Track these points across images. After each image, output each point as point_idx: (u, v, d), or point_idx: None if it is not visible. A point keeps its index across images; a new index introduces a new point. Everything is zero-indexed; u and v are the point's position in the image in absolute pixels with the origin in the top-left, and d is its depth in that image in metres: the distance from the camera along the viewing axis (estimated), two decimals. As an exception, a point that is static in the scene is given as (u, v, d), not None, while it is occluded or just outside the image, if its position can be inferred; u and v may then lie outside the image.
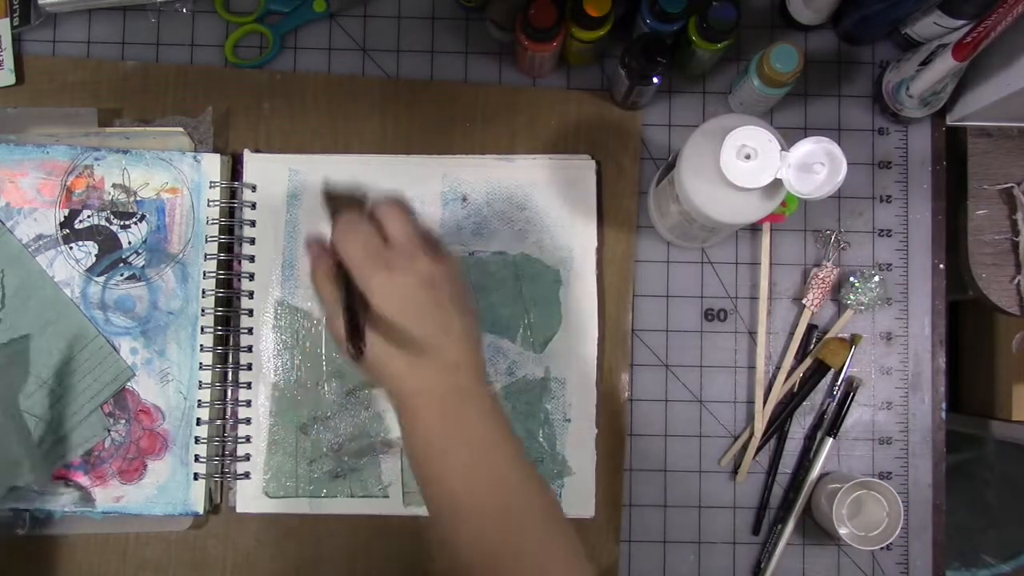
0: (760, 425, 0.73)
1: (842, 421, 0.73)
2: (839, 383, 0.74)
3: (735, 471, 0.74)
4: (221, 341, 0.72)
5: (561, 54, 0.73)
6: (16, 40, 0.74)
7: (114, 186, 0.71)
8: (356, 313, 0.50)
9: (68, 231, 0.71)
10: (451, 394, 0.52)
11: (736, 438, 0.74)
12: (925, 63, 0.68)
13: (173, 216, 0.72)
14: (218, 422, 0.72)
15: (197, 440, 0.70)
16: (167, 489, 0.70)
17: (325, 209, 0.56)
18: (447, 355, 0.52)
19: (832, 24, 0.76)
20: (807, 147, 0.56)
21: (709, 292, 0.75)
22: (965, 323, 1.09)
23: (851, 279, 0.73)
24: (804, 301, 0.73)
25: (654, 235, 0.75)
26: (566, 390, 0.72)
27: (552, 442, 0.72)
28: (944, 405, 0.75)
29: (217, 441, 0.71)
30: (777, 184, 0.57)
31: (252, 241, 0.73)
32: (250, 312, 0.72)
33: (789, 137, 0.57)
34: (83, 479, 0.70)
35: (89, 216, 0.71)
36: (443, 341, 0.52)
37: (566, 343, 0.73)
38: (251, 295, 0.72)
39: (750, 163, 0.56)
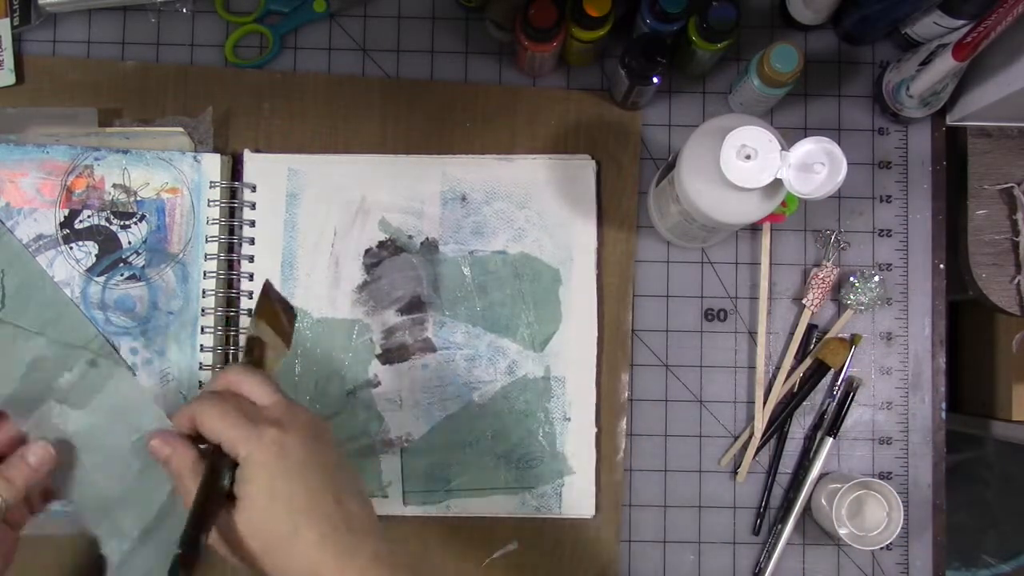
0: (760, 425, 0.73)
1: (842, 421, 0.73)
2: (839, 383, 0.74)
3: (735, 471, 0.74)
4: (221, 341, 0.72)
5: (561, 54, 0.73)
6: (16, 40, 0.74)
7: (114, 186, 0.71)
8: (204, 520, 0.48)
9: (68, 231, 0.71)
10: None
11: (736, 438, 0.74)
12: (925, 63, 0.68)
13: (173, 216, 0.72)
14: (218, 422, 0.72)
15: (197, 440, 0.70)
16: (167, 489, 0.70)
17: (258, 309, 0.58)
18: (341, 518, 0.49)
19: (832, 24, 0.76)
20: (807, 147, 0.56)
21: (709, 292, 0.75)
22: (965, 323, 1.09)
23: (851, 279, 0.73)
24: (804, 301, 0.73)
25: (654, 235, 0.75)
26: (566, 389, 0.72)
27: (552, 441, 0.72)
28: (944, 405, 0.75)
29: (217, 441, 0.71)
30: (777, 184, 0.57)
31: (252, 241, 0.73)
32: (250, 312, 0.72)
33: (789, 137, 0.57)
34: (83, 479, 0.70)
35: (89, 216, 0.71)
36: (332, 500, 0.49)
37: (566, 342, 0.73)
38: (251, 295, 0.72)
39: (750, 163, 0.56)
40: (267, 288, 0.60)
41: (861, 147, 0.76)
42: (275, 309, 0.59)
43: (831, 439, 0.73)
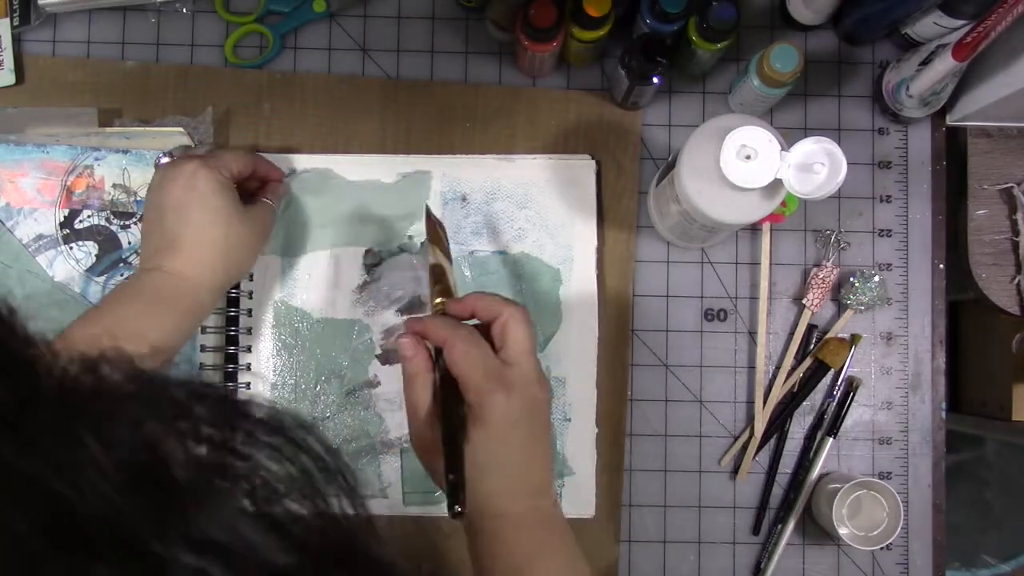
0: (760, 425, 0.73)
1: (842, 421, 0.73)
2: (839, 383, 0.74)
3: (735, 471, 0.74)
4: (222, 341, 0.72)
5: (561, 54, 0.73)
6: (16, 40, 0.74)
7: (114, 186, 0.71)
8: (459, 456, 0.50)
9: (68, 231, 0.71)
10: (537, 520, 0.54)
11: (736, 438, 0.74)
12: (925, 63, 0.68)
13: (173, 216, 0.72)
14: (218, 422, 0.71)
15: (197, 440, 0.70)
16: (167, 489, 0.70)
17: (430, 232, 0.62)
18: (536, 480, 0.54)
19: (832, 24, 0.76)
20: (807, 147, 0.56)
21: (709, 292, 0.75)
22: (965, 323, 1.09)
23: (851, 279, 0.73)
24: (804, 301, 0.73)
25: (654, 235, 0.75)
26: (566, 389, 0.72)
27: (552, 441, 0.72)
28: (944, 405, 0.75)
29: (217, 441, 0.71)
30: (777, 184, 0.57)
31: (252, 241, 0.72)
32: (249, 312, 0.72)
33: (789, 137, 0.57)
34: (83, 479, 0.70)
35: (89, 216, 0.71)
36: (536, 467, 0.54)
37: (566, 342, 0.73)
38: (250, 295, 0.72)
39: (750, 163, 0.56)
40: (428, 212, 0.64)
41: (861, 147, 0.76)
42: (437, 231, 0.62)
43: (831, 439, 0.73)
